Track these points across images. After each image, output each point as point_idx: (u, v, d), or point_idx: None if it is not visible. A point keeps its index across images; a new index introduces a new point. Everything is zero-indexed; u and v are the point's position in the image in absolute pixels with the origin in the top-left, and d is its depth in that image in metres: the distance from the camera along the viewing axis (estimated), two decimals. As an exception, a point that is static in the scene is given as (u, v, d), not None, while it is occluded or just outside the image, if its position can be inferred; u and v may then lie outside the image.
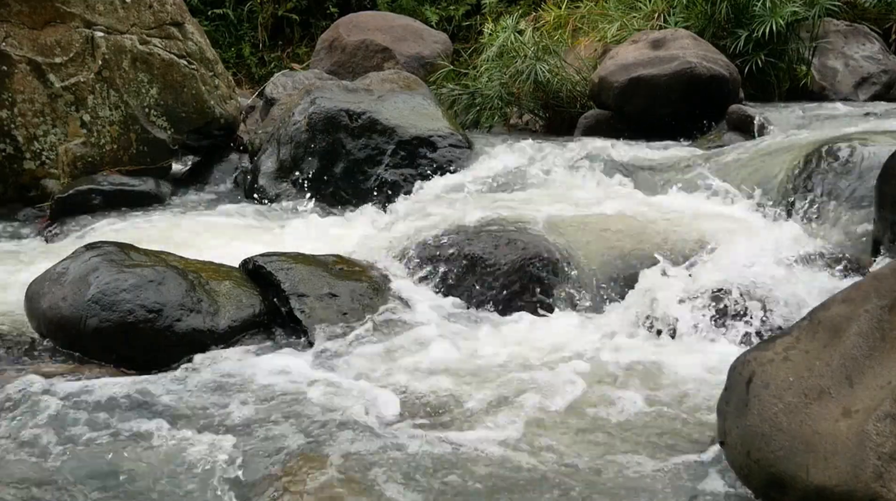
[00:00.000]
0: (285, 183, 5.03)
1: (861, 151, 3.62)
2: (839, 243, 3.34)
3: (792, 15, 6.30)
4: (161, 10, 5.36)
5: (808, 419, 1.89)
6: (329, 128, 4.96)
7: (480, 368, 2.78)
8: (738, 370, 2.09)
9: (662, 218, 3.67)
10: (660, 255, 3.36)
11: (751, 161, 4.16)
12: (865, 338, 1.94)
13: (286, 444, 2.30)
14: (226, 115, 5.58)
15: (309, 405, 2.51)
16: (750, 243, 3.42)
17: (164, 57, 5.29)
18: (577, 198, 4.09)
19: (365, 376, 2.72)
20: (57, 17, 5.08)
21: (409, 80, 6.05)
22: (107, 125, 5.18)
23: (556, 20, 7.41)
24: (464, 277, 3.37)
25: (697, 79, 5.64)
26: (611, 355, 2.87)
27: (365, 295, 3.25)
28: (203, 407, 2.52)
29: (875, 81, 6.83)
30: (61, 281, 3.02)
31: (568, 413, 2.47)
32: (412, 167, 4.79)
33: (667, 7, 6.89)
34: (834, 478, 1.80)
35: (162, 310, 2.92)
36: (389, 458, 2.22)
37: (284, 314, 3.16)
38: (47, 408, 2.47)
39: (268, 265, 3.27)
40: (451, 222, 3.63)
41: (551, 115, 6.76)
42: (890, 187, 3.07)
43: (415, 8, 9.70)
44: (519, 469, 2.19)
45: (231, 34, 10.30)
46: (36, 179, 5.11)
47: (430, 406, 2.54)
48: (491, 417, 2.45)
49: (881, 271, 2.05)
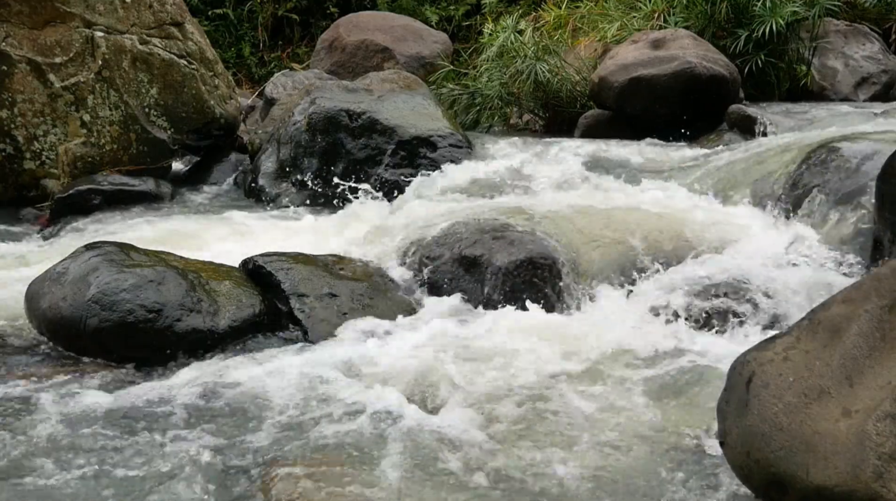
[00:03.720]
0: (285, 183, 5.03)
1: (861, 150, 3.62)
2: (839, 242, 3.34)
3: (792, 15, 6.29)
4: (161, 10, 5.36)
5: (808, 419, 1.89)
6: (329, 128, 4.96)
7: (481, 367, 2.77)
8: (737, 370, 2.08)
9: (662, 218, 3.67)
10: (659, 254, 3.36)
11: (750, 161, 4.16)
12: (865, 338, 1.94)
13: (286, 443, 2.30)
14: (226, 115, 5.59)
15: (309, 404, 2.51)
16: (749, 242, 3.43)
17: (164, 57, 5.29)
18: (576, 198, 4.08)
19: (365, 375, 2.72)
20: (57, 17, 5.08)
21: (409, 80, 6.05)
22: (107, 125, 5.18)
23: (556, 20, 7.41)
24: (463, 276, 3.37)
25: (697, 79, 5.64)
26: (610, 354, 2.87)
27: (365, 295, 3.25)
28: (203, 407, 2.52)
29: (875, 81, 6.83)
30: (61, 281, 3.02)
31: (567, 413, 2.47)
32: (412, 167, 4.79)
33: (667, 7, 6.88)
34: (834, 478, 1.80)
35: (162, 310, 2.92)
36: (390, 456, 2.22)
37: (284, 313, 3.16)
38: (47, 408, 2.47)
39: (268, 265, 3.27)
40: (450, 222, 3.63)
41: (551, 115, 6.76)
42: (890, 187, 3.06)
43: (415, 8, 9.70)
44: (516, 467, 2.19)
45: (231, 34, 10.30)
46: (36, 179, 5.11)
47: (428, 405, 2.54)
48: (489, 414, 2.45)
49: (881, 271, 2.05)
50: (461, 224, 3.59)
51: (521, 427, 2.40)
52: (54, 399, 2.53)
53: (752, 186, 3.92)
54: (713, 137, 5.40)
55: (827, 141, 3.85)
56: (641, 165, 4.64)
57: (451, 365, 2.76)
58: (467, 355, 2.87)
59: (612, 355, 2.87)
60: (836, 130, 4.41)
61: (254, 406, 2.52)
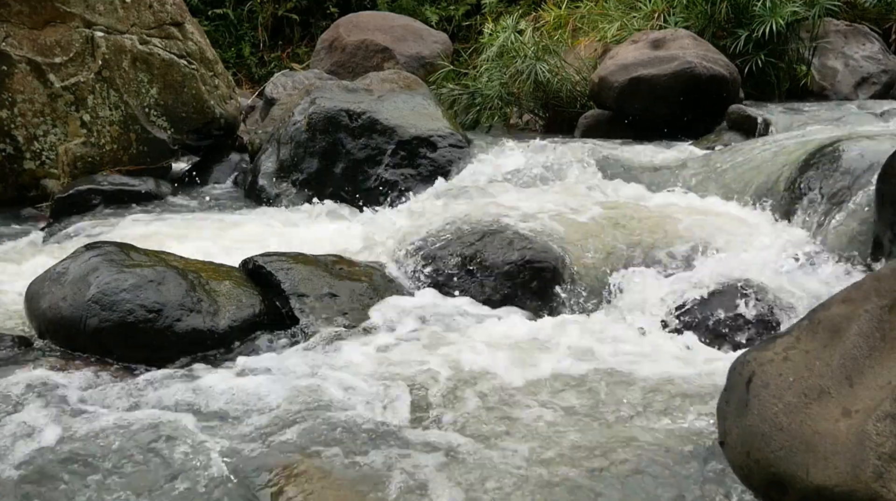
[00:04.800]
0: (285, 183, 5.03)
1: (861, 150, 3.62)
2: (839, 242, 3.34)
3: (792, 15, 6.30)
4: (161, 10, 5.36)
5: (808, 419, 1.89)
6: (329, 128, 4.96)
7: (481, 366, 2.77)
8: (737, 370, 2.09)
9: (662, 218, 3.67)
10: (659, 254, 3.36)
11: (750, 161, 4.15)
12: (865, 338, 1.94)
13: (286, 443, 2.30)
14: (226, 115, 5.59)
15: (309, 404, 2.51)
16: (749, 242, 3.43)
17: (164, 57, 5.29)
18: (576, 198, 4.08)
19: (365, 375, 2.72)
20: (57, 17, 5.08)
21: (409, 80, 6.05)
22: (107, 125, 5.18)
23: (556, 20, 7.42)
24: (463, 276, 3.37)
25: (697, 79, 5.65)
26: (609, 354, 2.87)
27: (365, 295, 3.25)
28: (202, 407, 2.52)
29: (875, 81, 6.83)
30: (61, 281, 3.02)
31: (566, 413, 2.47)
32: (412, 167, 4.79)
33: (667, 7, 6.89)
34: (834, 478, 1.80)
35: (162, 310, 2.92)
36: (391, 456, 2.22)
37: (284, 314, 3.16)
38: (46, 408, 2.47)
39: (268, 265, 3.27)
40: (450, 222, 3.63)
41: (551, 115, 6.77)
42: (890, 187, 3.06)
43: (415, 8, 9.71)
44: (518, 468, 2.19)
45: (231, 34, 10.31)
46: (36, 179, 5.12)
47: (428, 405, 2.54)
48: (491, 416, 2.45)
49: (881, 271, 2.05)
50: (461, 224, 3.60)
51: (519, 428, 2.39)
52: (53, 399, 2.52)
53: (752, 186, 3.92)
54: (713, 137, 5.40)
55: (827, 141, 3.85)
56: (641, 165, 4.64)
57: (452, 366, 2.76)
58: (468, 355, 2.87)
59: (610, 354, 2.87)
60: (837, 129, 4.41)
61: (254, 407, 2.52)
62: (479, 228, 3.53)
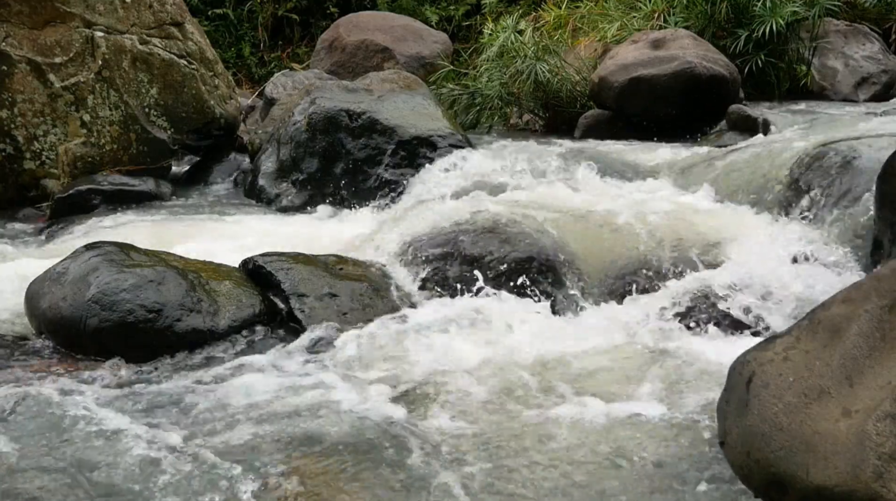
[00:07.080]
0: (285, 183, 5.03)
1: (861, 150, 3.62)
2: (839, 242, 3.34)
3: (792, 15, 6.31)
4: (161, 10, 5.36)
5: (808, 419, 1.89)
6: (329, 128, 4.96)
7: (482, 366, 2.77)
8: (737, 370, 2.08)
9: (662, 218, 3.67)
10: (659, 254, 3.35)
11: (750, 161, 4.16)
12: (865, 338, 1.94)
13: (286, 443, 2.30)
14: (226, 115, 5.59)
15: (309, 404, 2.51)
16: (749, 242, 3.42)
17: (164, 57, 5.29)
18: (575, 198, 4.08)
19: (365, 375, 2.72)
20: (57, 17, 5.08)
21: (409, 80, 6.05)
22: (107, 125, 5.18)
23: (556, 20, 7.42)
24: (463, 276, 3.37)
25: (697, 79, 5.65)
26: (609, 354, 2.87)
27: (365, 295, 3.25)
28: (202, 407, 2.52)
29: (875, 81, 6.84)
30: (61, 281, 3.02)
31: (566, 413, 2.47)
32: (412, 167, 4.79)
33: (667, 7, 6.90)
34: (834, 478, 1.80)
35: (162, 310, 2.92)
36: (391, 455, 2.22)
37: (284, 313, 3.16)
38: (45, 408, 2.47)
39: (268, 265, 3.27)
40: (450, 222, 3.63)
41: (551, 115, 6.76)
42: (890, 187, 3.06)
43: (415, 8, 9.71)
44: (517, 466, 2.19)
45: (231, 34, 10.31)
46: (36, 179, 5.12)
47: (429, 404, 2.54)
48: (490, 414, 2.45)
49: (881, 271, 2.05)
50: (461, 224, 3.60)
51: (518, 428, 2.39)
52: (53, 399, 2.52)
53: (752, 186, 3.92)
54: (713, 137, 5.41)
55: (827, 141, 3.85)
56: (641, 164, 4.64)
57: (452, 366, 2.76)
58: (468, 355, 2.87)
59: (610, 353, 2.87)
60: (837, 129, 4.41)
61: (254, 406, 2.52)
62: (479, 226, 3.53)
